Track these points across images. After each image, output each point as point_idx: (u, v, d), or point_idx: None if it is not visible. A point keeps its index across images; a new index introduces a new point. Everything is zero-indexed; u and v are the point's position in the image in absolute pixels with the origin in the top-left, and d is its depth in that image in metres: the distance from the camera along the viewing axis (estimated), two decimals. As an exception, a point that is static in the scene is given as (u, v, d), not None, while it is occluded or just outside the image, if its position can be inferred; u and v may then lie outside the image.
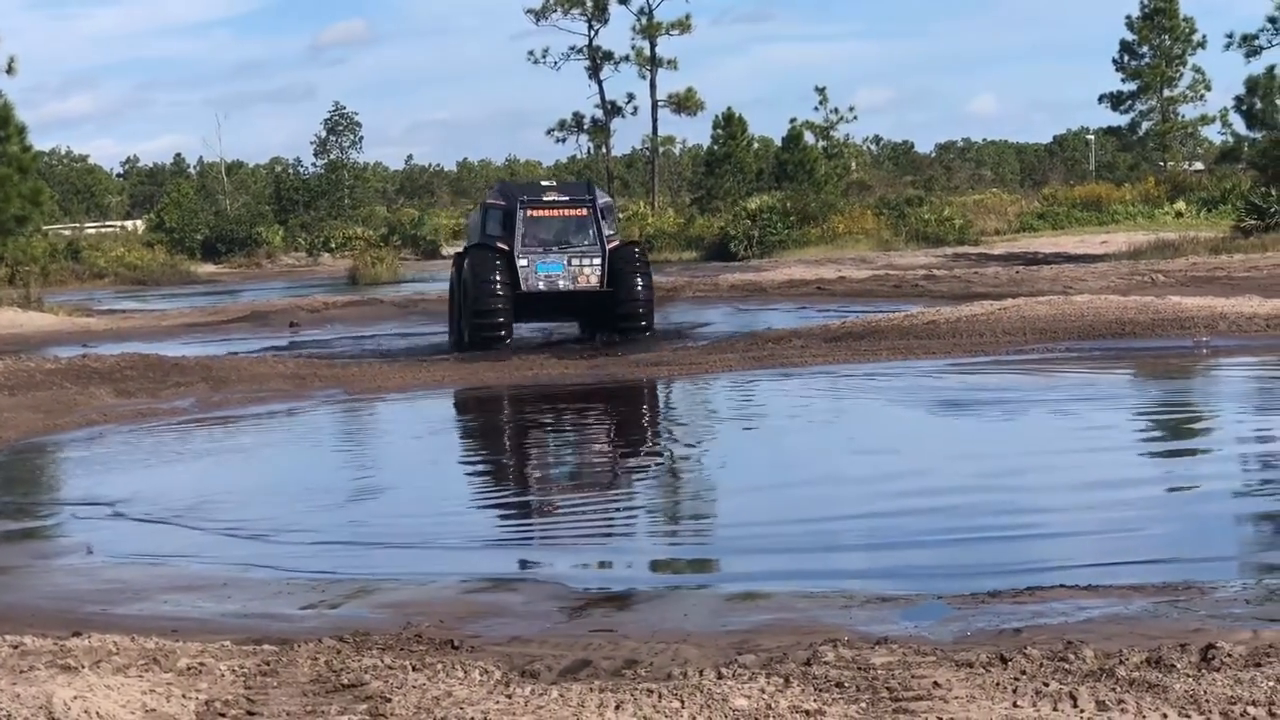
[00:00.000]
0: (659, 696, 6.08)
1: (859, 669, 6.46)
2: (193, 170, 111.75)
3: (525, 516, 12.38)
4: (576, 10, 72.90)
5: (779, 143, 78.90)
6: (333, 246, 71.86)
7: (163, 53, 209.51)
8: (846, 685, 6.20)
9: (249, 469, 15.15)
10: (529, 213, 26.10)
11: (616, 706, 5.98)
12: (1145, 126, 74.23)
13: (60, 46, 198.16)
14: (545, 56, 74.10)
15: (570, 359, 23.50)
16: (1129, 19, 72.17)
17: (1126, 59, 72.63)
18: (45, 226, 58.00)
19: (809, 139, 77.00)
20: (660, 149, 79.93)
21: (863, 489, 12.20)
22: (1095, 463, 12.83)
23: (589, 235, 26.09)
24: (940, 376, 19.47)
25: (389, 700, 6.18)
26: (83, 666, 6.76)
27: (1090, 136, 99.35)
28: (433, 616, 8.32)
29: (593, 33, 73.49)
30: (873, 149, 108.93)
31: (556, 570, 9.81)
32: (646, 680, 6.51)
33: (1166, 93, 72.79)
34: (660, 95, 73.65)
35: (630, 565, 10.16)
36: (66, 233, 76.48)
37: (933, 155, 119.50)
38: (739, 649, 7.21)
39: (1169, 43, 71.97)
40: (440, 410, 19.84)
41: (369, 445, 17.13)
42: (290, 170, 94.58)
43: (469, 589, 9.17)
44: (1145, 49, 72.23)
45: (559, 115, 76.82)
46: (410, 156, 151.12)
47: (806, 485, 12.71)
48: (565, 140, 77.71)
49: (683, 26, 72.25)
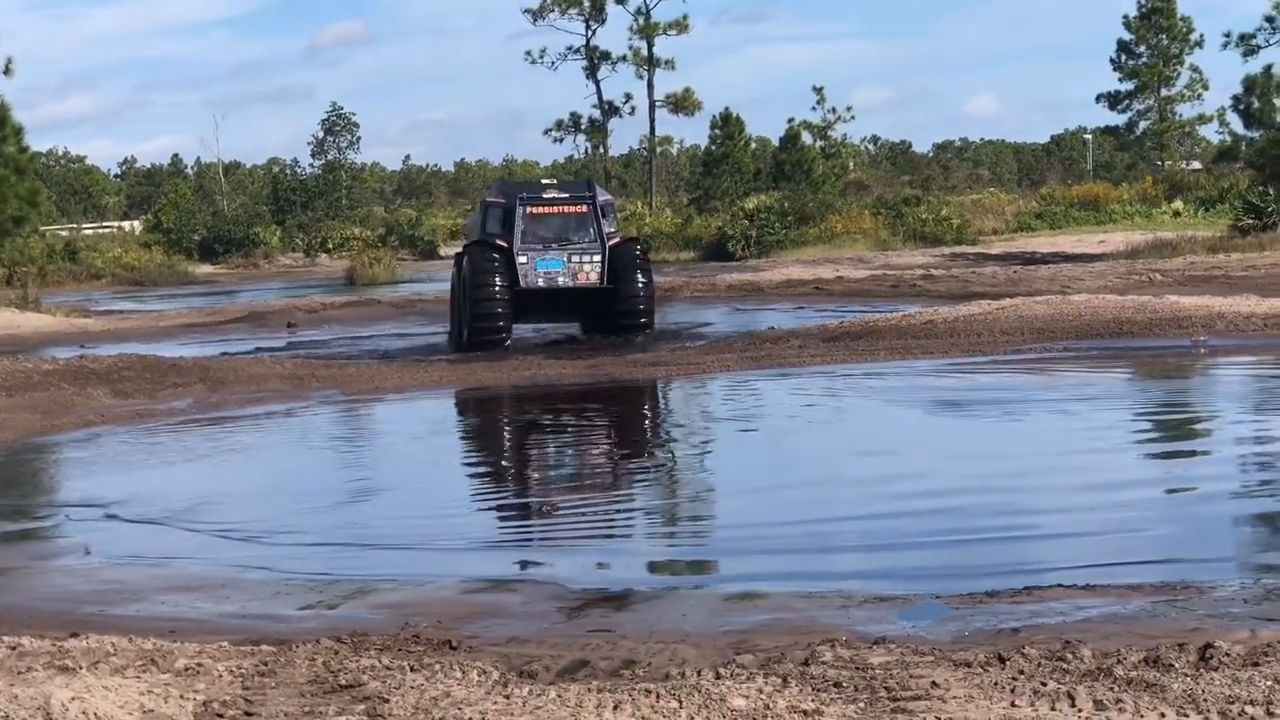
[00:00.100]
0: (657, 697, 6.08)
1: (857, 669, 6.46)
2: (190, 171, 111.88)
3: (523, 517, 12.37)
4: (574, 10, 72.95)
5: (776, 143, 78.94)
6: (330, 247, 71.85)
7: (160, 53, 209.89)
8: (844, 685, 6.20)
9: (247, 470, 15.15)
10: (528, 210, 25.99)
11: (614, 707, 5.98)
12: (1143, 126, 74.27)
13: (58, 47, 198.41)
14: (543, 57, 74.24)
15: (568, 359, 23.48)
16: (1126, 18, 72.27)
17: (1124, 58, 72.67)
18: (42, 227, 58.00)
19: (806, 139, 77.08)
20: (658, 149, 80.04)
21: (861, 490, 12.19)
22: (1093, 463, 12.83)
23: (589, 232, 25.97)
24: (938, 376, 19.47)
25: (387, 701, 6.18)
26: (80, 667, 6.76)
27: (1088, 136, 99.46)
28: (431, 617, 8.32)
29: (590, 33, 73.63)
30: (870, 149, 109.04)
31: (554, 571, 9.80)
32: (644, 680, 6.51)
33: (1164, 92, 72.83)
34: (658, 95, 73.79)
35: (628, 566, 10.15)
36: (64, 233, 76.51)
37: (930, 155, 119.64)
38: (737, 649, 7.21)
39: (1166, 42, 71.99)
40: (438, 411, 19.84)
41: (367, 446, 17.12)
42: (288, 171, 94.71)
43: (467, 589, 9.17)
44: (1143, 48, 72.27)
45: (556, 115, 77.24)
46: (408, 157, 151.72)
47: (805, 486, 12.70)
48: (563, 140, 77.97)
49: (680, 26, 72.35)
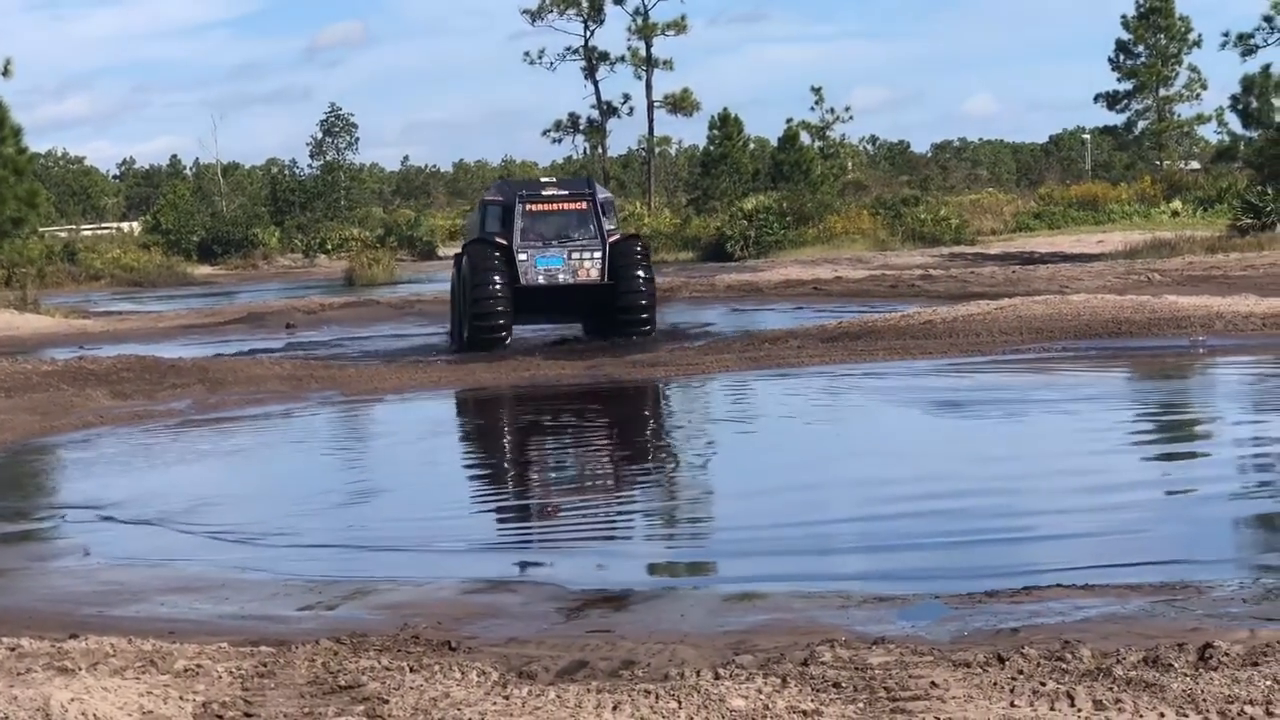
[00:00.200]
0: (656, 697, 6.08)
1: (856, 669, 6.47)
2: (189, 172, 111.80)
3: (522, 518, 12.37)
4: (572, 11, 72.95)
5: (775, 143, 78.87)
6: (329, 248, 71.82)
7: (159, 54, 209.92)
8: (844, 685, 6.20)
9: (246, 471, 15.15)
10: (528, 207, 25.91)
11: (614, 707, 5.98)
12: (1141, 126, 74.27)
13: (57, 48, 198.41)
14: (541, 57, 74.25)
15: (567, 360, 23.47)
16: (1125, 18, 72.28)
17: (1122, 58, 72.68)
18: (41, 228, 57.96)
19: (805, 139, 77.02)
20: (656, 149, 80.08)
21: (860, 490, 12.20)
22: (1092, 463, 12.82)
23: (589, 229, 25.88)
24: (937, 376, 19.47)
25: (386, 702, 6.18)
26: (80, 668, 6.76)
27: (1086, 136, 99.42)
28: (430, 618, 8.32)
29: (588, 33, 73.63)
30: (869, 149, 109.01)
31: (553, 572, 9.80)
32: (644, 681, 6.51)
33: (1162, 92, 72.84)
34: (656, 96, 73.83)
35: (627, 567, 10.14)
36: (63, 235, 76.45)
37: (929, 155, 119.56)
38: (736, 649, 7.21)
39: (1165, 42, 72.01)
40: (437, 412, 19.83)
41: (366, 447, 17.12)
42: (286, 171, 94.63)
43: (466, 590, 9.17)
44: (1141, 48, 72.29)
45: (555, 116, 76.95)
46: (406, 157, 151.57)
47: (804, 486, 12.69)
48: (561, 141, 77.86)
49: (678, 27, 72.38)
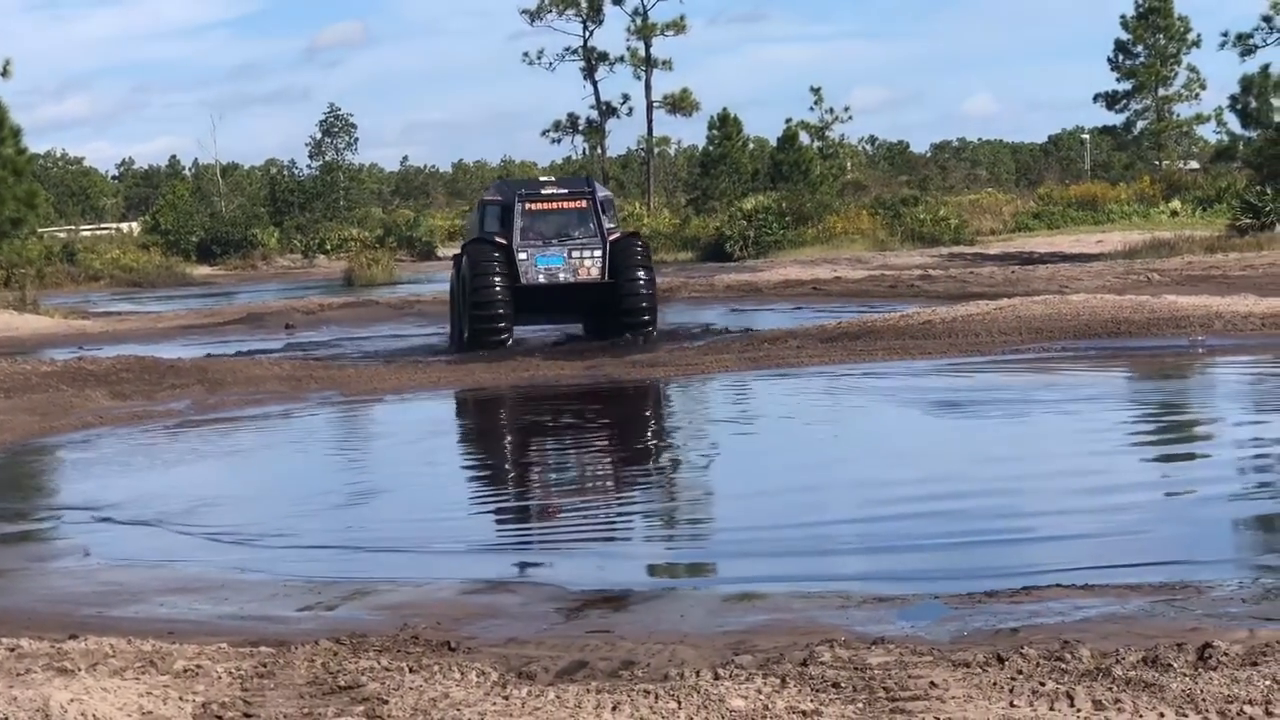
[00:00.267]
0: (656, 697, 6.08)
1: (856, 669, 6.47)
2: (188, 172, 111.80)
3: (521, 519, 12.37)
4: (571, 11, 72.94)
5: (774, 143, 78.85)
6: (328, 248, 71.80)
7: (158, 55, 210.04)
8: (843, 685, 6.20)
9: (245, 471, 15.14)
10: (527, 206, 25.85)
11: (613, 707, 5.98)
12: (1140, 126, 74.28)
13: (56, 49, 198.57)
14: (540, 57, 74.24)
15: (567, 360, 23.46)
16: (1124, 18, 72.31)
17: (1121, 58, 72.69)
18: (41, 229, 57.94)
19: (804, 139, 77.03)
20: (655, 149, 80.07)
21: (859, 491, 12.20)
22: (1092, 463, 12.82)
23: (589, 227, 25.81)
24: (936, 377, 19.47)
25: (386, 702, 6.18)
26: (79, 669, 6.76)
27: (1085, 136, 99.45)
28: (429, 618, 8.32)
29: (587, 33, 73.60)
30: (868, 149, 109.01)
31: (553, 572, 9.80)
32: (643, 681, 6.51)
33: (1161, 92, 72.85)
34: (655, 96, 73.80)
35: (626, 567, 10.13)
36: (62, 235, 76.40)
37: (928, 155, 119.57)
38: (736, 649, 7.21)
39: (1164, 42, 72.03)
40: (436, 412, 19.82)
41: (365, 448, 17.11)
42: (285, 172, 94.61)
43: (465, 591, 9.17)
44: (1140, 48, 72.30)
45: (554, 116, 76.98)
46: (406, 158, 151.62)
47: (803, 486, 12.68)
48: (560, 141, 77.83)
49: (677, 27, 72.34)
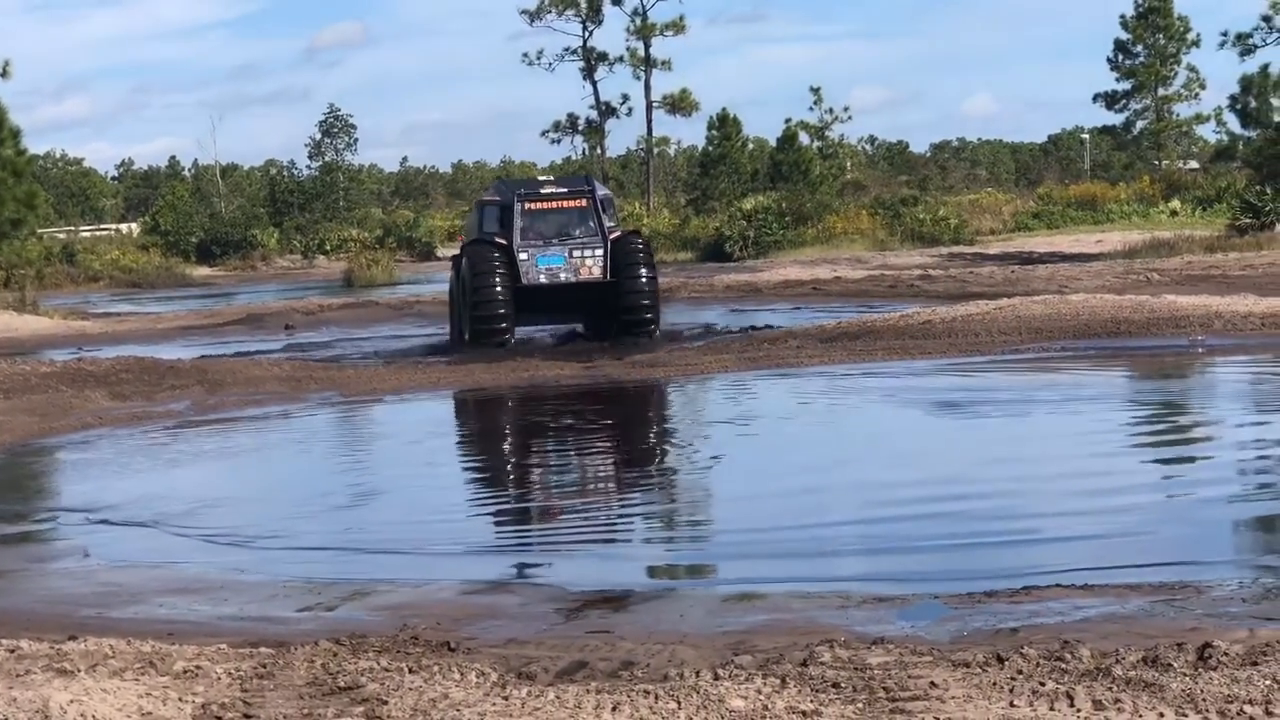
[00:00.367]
0: (655, 698, 6.08)
1: (855, 669, 6.46)
2: (187, 173, 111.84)
3: (521, 520, 12.37)
4: (571, 11, 72.93)
5: (774, 143, 78.83)
6: (328, 249, 71.77)
7: (158, 56, 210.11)
8: (843, 685, 6.20)
9: (245, 472, 15.14)
10: (527, 206, 25.74)
11: (613, 708, 5.97)
12: (1140, 125, 74.26)
13: (55, 50, 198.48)
14: (540, 58, 74.22)
15: (566, 360, 23.44)
16: (1123, 18, 72.30)
17: (1121, 58, 72.69)
18: (40, 230, 57.94)
19: (804, 139, 77.03)
20: (655, 150, 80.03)
21: (859, 492, 12.19)
22: (1092, 464, 12.81)
23: (589, 226, 25.71)
24: (936, 377, 19.47)
25: (385, 703, 6.18)
26: (79, 670, 6.76)
27: (1085, 136, 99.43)
28: (429, 619, 8.32)
29: (587, 34, 73.58)
30: (867, 149, 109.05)
31: (553, 573, 9.80)
32: (643, 681, 6.51)
33: (1161, 91, 72.85)
34: (655, 96, 73.78)
35: (626, 568, 10.13)
36: (61, 236, 76.36)
37: (928, 155, 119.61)
38: (735, 650, 7.21)
39: (1163, 41, 72.03)
40: (436, 413, 19.81)
41: (365, 449, 17.11)
42: (285, 172, 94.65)
43: (465, 591, 9.17)
44: (1140, 48, 72.30)
45: (554, 117, 76.99)
46: (405, 158, 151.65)
47: (803, 487, 12.67)
48: (560, 141, 77.81)
49: (677, 27, 72.33)
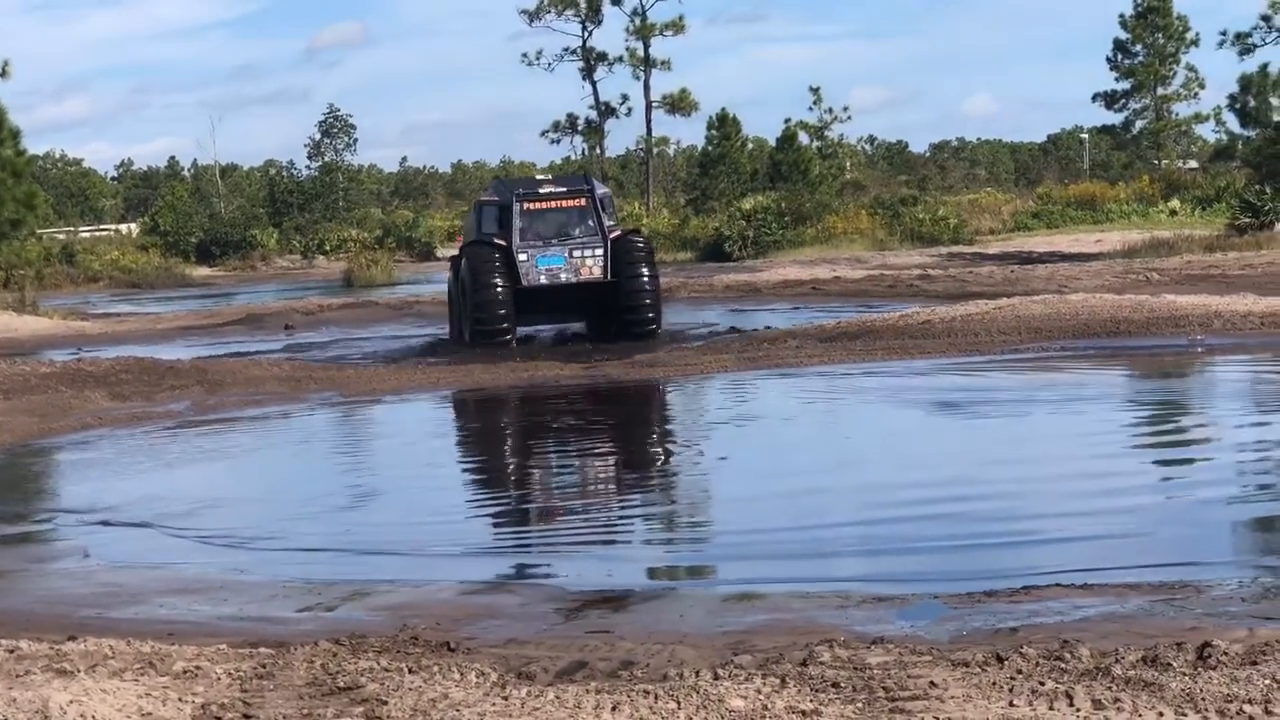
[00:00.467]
0: (655, 697, 6.08)
1: (855, 669, 6.47)
2: (187, 173, 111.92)
3: (521, 520, 12.36)
4: (570, 11, 72.98)
5: (773, 143, 78.84)
6: (327, 249, 71.80)
7: (157, 56, 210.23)
8: (843, 685, 6.20)
9: (245, 473, 15.14)
10: (526, 206, 25.64)
11: (613, 708, 5.98)
12: (1139, 125, 74.31)
13: (55, 50, 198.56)
14: (539, 58, 74.33)
15: (566, 360, 23.44)
16: (1122, 17, 72.35)
17: (1120, 57, 72.73)
18: (40, 230, 57.96)
19: (803, 139, 77.05)
20: (655, 150, 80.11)
21: (859, 492, 12.20)
22: (1092, 464, 12.81)
23: (589, 225, 25.63)
24: (936, 376, 19.47)
25: (385, 703, 6.18)
26: (79, 670, 6.76)
27: (1084, 135, 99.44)
28: (429, 619, 8.32)
29: (586, 34, 73.67)
30: (867, 149, 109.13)
31: (552, 573, 9.80)
32: (643, 681, 6.51)
33: (1160, 91, 72.89)
34: (654, 96, 73.90)
35: (626, 568, 10.13)
36: (61, 236, 76.40)
37: (927, 155, 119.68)
38: (735, 650, 7.21)
39: (1163, 41, 72.06)
40: (436, 413, 19.82)
41: (365, 449, 17.11)
42: (284, 173, 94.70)
43: (465, 591, 9.17)
44: (1139, 47, 72.33)
45: (553, 117, 77.12)
46: (405, 158, 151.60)
47: (803, 488, 12.66)
48: (559, 141, 77.94)
49: (676, 27, 72.42)
